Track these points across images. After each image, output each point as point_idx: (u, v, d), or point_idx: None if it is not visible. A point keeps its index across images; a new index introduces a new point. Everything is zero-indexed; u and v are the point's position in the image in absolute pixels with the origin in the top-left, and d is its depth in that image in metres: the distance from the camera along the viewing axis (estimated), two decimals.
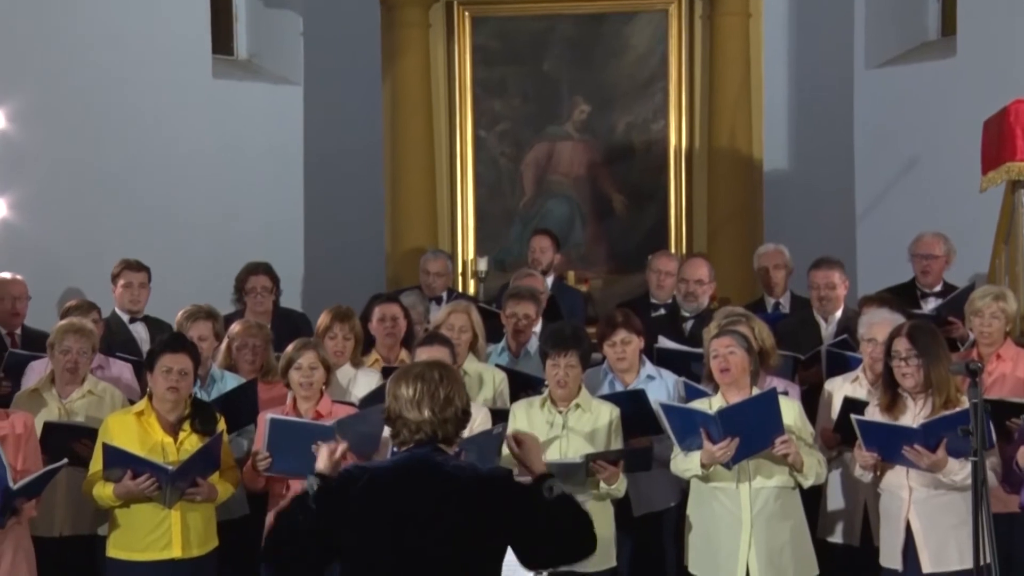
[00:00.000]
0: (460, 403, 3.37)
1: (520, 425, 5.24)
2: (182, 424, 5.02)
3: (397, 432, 3.36)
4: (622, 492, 5.22)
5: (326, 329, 5.84)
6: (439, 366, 3.42)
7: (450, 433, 3.35)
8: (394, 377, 3.43)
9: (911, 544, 4.84)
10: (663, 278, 7.17)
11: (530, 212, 8.73)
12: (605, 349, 5.72)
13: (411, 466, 3.30)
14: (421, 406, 3.32)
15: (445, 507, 3.24)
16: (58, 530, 5.40)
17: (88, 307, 6.24)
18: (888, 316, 5.54)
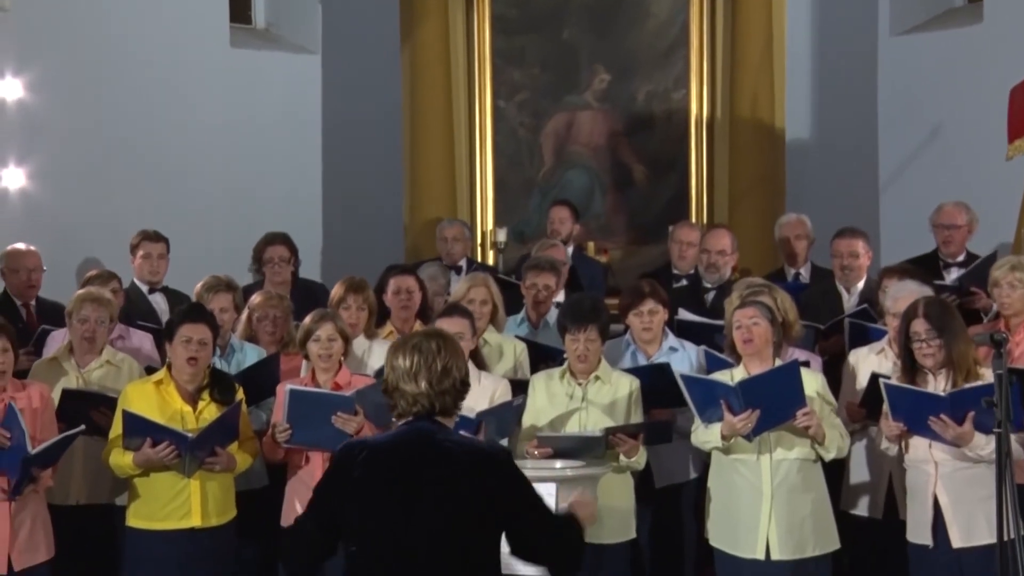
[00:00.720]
0: (458, 374, 3.36)
1: (539, 398, 5.25)
2: (201, 393, 5.04)
3: (395, 404, 3.36)
4: (642, 465, 5.23)
5: (340, 300, 5.84)
6: (437, 336, 3.41)
7: (448, 405, 3.35)
8: (392, 347, 3.42)
9: (940, 519, 4.82)
10: (685, 249, 7.16)
11: (549, 183, 8.70)
12: (630, 318, 5.72)
13: (410, 440, 3.30)
14: (418, 378, 3.31)
15: (444, 481, 3.24)
16: (74, 498, 5.43)
17: (108, 277, 6.26)
18: (914, 288, 5.51)
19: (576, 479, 4.69)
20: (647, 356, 5.72)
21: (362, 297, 5.85)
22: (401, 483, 3.25)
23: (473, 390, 5.11)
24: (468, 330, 5.29)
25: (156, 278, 6.84)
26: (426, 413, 3.34)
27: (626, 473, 5.24)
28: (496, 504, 3.25)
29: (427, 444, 3.29)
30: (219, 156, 8.59)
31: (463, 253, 7.63)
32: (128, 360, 5.63)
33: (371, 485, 3.27)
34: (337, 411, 4.96)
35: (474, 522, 3.24)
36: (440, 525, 3.22)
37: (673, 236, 7.31)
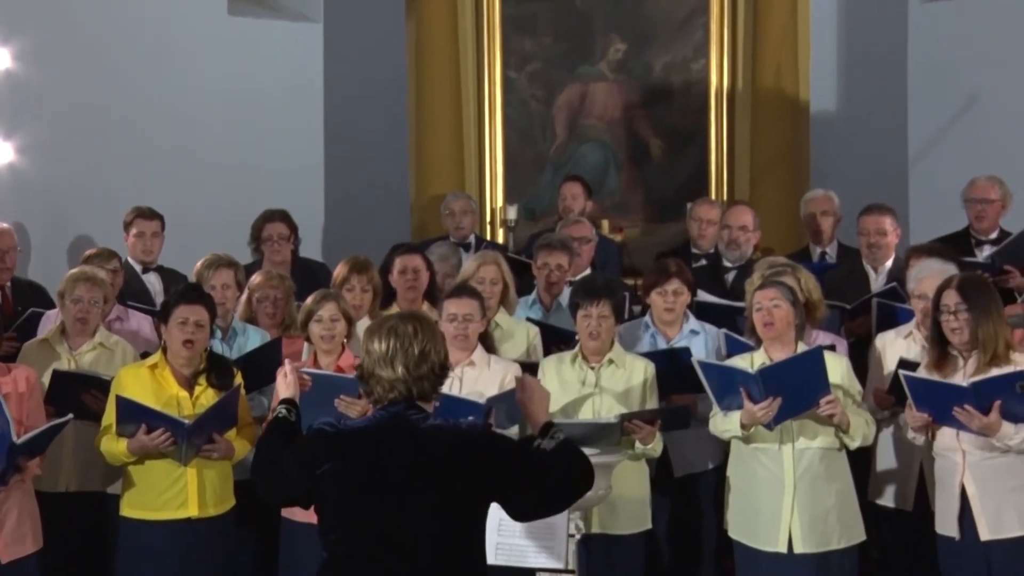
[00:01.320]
0: (436, 358, 3.37)
1: (550, 382, 5.24)
2: (197, 378, 5.05)
3: (371, 390, 3.38)
4: (658, 452, 5.23)
5: (343, 281, 5.86)
6: (413, 319, 3.42)
7: (426, 390, 3.37)
8: (367, 331, 3.43)
9: (967, 510, 4.81)
10: (704, 227, 7.15)
11: (562, 157, 8.69)
12: (653, 297, 5.71)
13: (386, 425, 3.32)
14: (394, 363, 3.33)
15: (422, 467, 3.25)
16: (64, 485, 5.44)
17: (108, 256, 6.23)
18: (938, 267, 5.49)
19: None
20: (667, 339, 5.72)
21: (366, 277, 5.86)
22: (379, 470, 3.27)
23: (482, 374, 5.26)
24: (478, 311, 5.30)
25: (150, 257, 6.85)
26: (403, 399, 3.35)
27: (641, 461, 5.24)
28: (481, 484, 3.27)
29: (405, 429, 3.31)
30: (216, 130, 8.57)
31: (471, 228, 7.64)
32: (122, 343, 5.64)
33: (347, 473, 3.29)
34: (340, 394, 4.96)
35: (455, 507, 3.26)
36: (422, 512, 3.24)
37: (692, 213, 7.29)
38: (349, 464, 3.30)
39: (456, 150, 8.60)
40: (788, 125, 8.48)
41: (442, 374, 3.41)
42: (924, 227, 7.84)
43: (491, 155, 8.61)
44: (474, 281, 5.89)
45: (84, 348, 5.55)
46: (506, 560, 4.36)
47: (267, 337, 5.78)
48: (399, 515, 3.25)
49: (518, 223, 8.34)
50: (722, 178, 8.54)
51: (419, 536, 3.25)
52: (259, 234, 6.97)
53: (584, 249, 6.82)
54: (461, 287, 5.55)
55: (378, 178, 8.87)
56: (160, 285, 6.80)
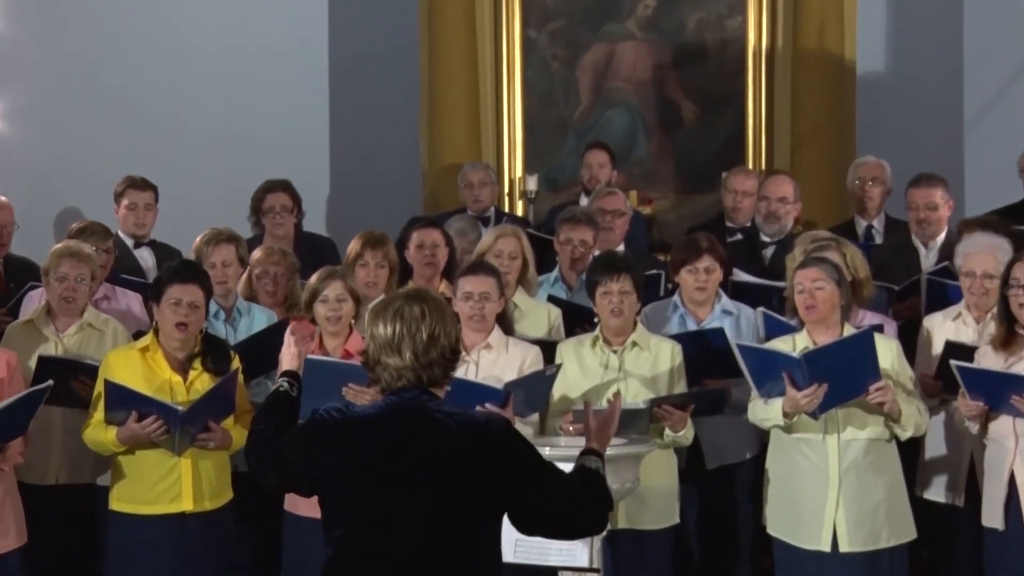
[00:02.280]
0: (447, 341, 3.35)
1: (570, 367, 5.24)
2: (192, 362, 5.03)
3: (377, 378, 3.37)
4: (689, 440, 5.22)
5: (356, 257, 5.84)
6: (420, 298, 3.38)
7: (437, 376, 3.35)
8: (371, 312, 3.41)
9: (1015, 499, 4.80)
10: (740, 198, 7.12)
11: (586, 123, 8.65)
12: (683, 275, 5.69)
13: (396, 413, 3.30)
14: (401, 348, 3.31)
15: (435, 458, 3.24)
16: (53, 478, 5.44)
17: (102, 233, 6.18)
18: (987, 242, 5.46)
19: (617, 457, 4.63)
20: (697, 320, 5.69)
21: (381, 253, 5.85)
22: (388, 461, 3.25)
23: (500, 358, 5.25)
24: (495, 290, 5.27)
25: (142, 231, 6.85)
26: (413, 387, 3.34)
27: (669, 451, 5.23)
28: (496, 480, 3.26)
29: (415, 417, 3.29)
30: (213, 93, 8.57)
31: (491, 200, 7.63)
32: (112, 323, 5.63)
33: (353, 465, 3.28)
34: (349, 382, 4.94)
35: (469, 501, 3.25)
36: (433, 507, 3.23)
37: (726, 184, 7.26)
38: (355, 454, 3.28)
39: (472, 116, 8.57)
40: (832, 87, 8.41)
41: (453, 358, 3.38)
42: (980, 198, 7.79)
43: (509, 121, 8.58)
44: (491, 255, 5.86)
45: (71, 330, 5.54)
46: (526, 558, 4.36)
47: (274, 318, 5.77)
48: (409, 509, 3.23)
49: (539, 194, 8.33)
50: (760, 145, 8.49)
51: (430, 532, 3.23)
52: (259, 206, 6.95)
53: (617, 223, 6.77)
54: (477, 263, 5.53)
55: (387, 146, 8.85)
56: (153, 261, 6.80)
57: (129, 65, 8.24)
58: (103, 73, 8.17)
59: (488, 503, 3.28)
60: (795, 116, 8.43)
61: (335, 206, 8.87)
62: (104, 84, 8.19)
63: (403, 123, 8.73)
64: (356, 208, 8.38)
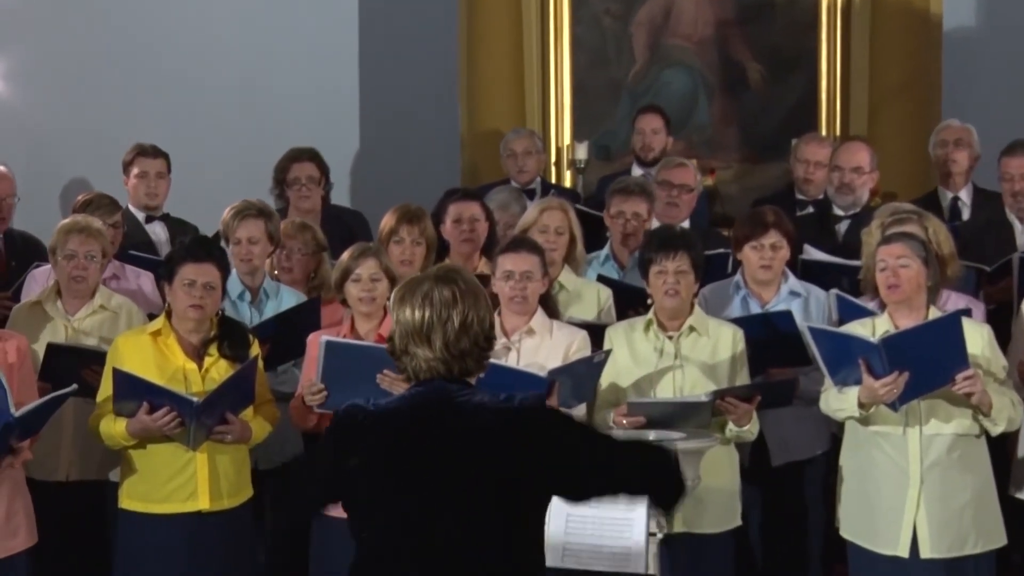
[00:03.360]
0: (480, 328, 3.34)
1: (620, 354, 5.24)
2: (208, 348, 5.06)
3: (403, 368, 3.37)
4: (754, 435, 5.22)
5: (391, 232, 5.87)
6: (449, 280, 3.36)
7: (470, 367, 3.35)
8: (397, 295, 3.39)
9: None
10: (812, 169, 7.13)
11: (641, 85, 8.64)
12: (746, 252, 5.69)
13: (423, 404, 3.31)
14: (431, 338, 3.31)
15: (467, 452, 3.25)
16: (64, 473, 5.50)
17: (109, 205, 6.23)
18: None
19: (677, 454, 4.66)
20: (761, 303, 5.69)
21: (418, 228, 5.88)
22: (416, 457, 3.26)
23: (544, 343, 5.26)
24: (538, 268, 5.29)
25: (154, 202, 6.90)
26: (443, 378, 3.35)
27: (730, 447, 5.24)
28: (537, 467, 3.25)
29: (446, 408, 3.30)
30: (231, 54, 8.60)
31: (537, 170, 7.65)
32: (127, 304, 5.67)
33: (379, 462, 3.29)
34: (383, 368, 4.94)
35: (509, 498, 3.25)
36: (464, 504, 3.24)
37: (796, 152, 7.26)
38: (381, 451, 3.30)
39: (515, 77, 8.57)
40: (915, 45, 8.37)
41: (487, 346, 3.37)
42: None
43: (557, 83, 8.59)
44: (535, 230, 5.88)
45: (83, 312, 5.58)
46: (576, 563, 4.39)
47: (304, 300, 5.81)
48: (440, 509, 3.25)
49: (589, 164, 8.33)
50: (834, 110, 8.47)
51: (464, 533, 3.24)
52: (283, 177, 7.00)
53: (684, 199, 6.74)
54: (519, 240, 5.54)
55: (422, 111, 8.86)
56: (166, 236, 6.86)
57: (140, 22, 8.28)
58: (111, 30, 8.21)
59: (528, 498, 3.29)
60: (873, 77, 8.40)
61: (365, 177, 8.89)
62: (112, 42, 8.22)
63: (440, 85, 8.74)
64: (388, 180, 8.41)
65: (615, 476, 3.34)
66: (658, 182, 6.74)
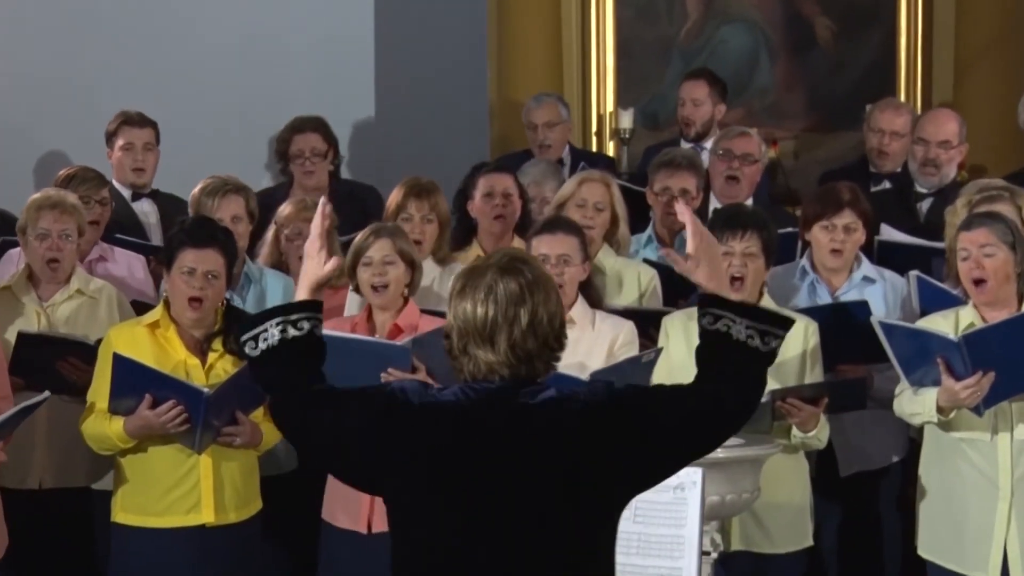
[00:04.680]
0: (551, 327, 3.29)
1: (675, 348, 5.29)
2: (211, 342, 5.13)
3: (460, 369, 3.32)
4: (823, 442, 5.27)
5: (398, 208, 5.94)
6: (516, 270, 3.30)
7: (538, 371, 3.32)
8: (456, 286, 3.34)
9: None
10: (889, 139, 7.13)
11: (695, 44, 8.67)
12: (815, 232, 5.71)
13: (484, 403, 3.27)
14: (495, 339, 3.27)
15: (535, 457, 3.22)
16: (36, 481, 5.53)
17: (96, 179, 6.29)
18: None
19: (731, 462, 4.74)
20: (831, 289, 5.75)
21: (428, 204, 5.94)
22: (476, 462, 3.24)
23: (584, 336, 5.27)
24: (577, 251, 5.34)
25: (142, 178, 6.92)
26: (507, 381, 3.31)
27: (799, 455, 5.29)
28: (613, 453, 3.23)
29: (510, 408, 3.26)
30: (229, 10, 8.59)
31: (562, 144, 7.65)
32: (108, 288, 5.70)
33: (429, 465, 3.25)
34: (388, 366, 5.06)
35: (582, 510, 3.23)
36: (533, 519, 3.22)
37: (872, 121, 7.27)
38: (432, 452, 3.26)
39: (551, 37, 8.59)
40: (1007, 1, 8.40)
41: (558, 346, 3.32)
42: None
43: (598, 42, 8.60)
44: (572, 204, 5.94)
45: (58, 298, 5.62)
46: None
47: (292, 286, 5.84)
48: (502, 522, 3.23)
49: (634, 134, 8.35)
50: (915, 73, 8.49)
51: (528, 550, 3.22)
52: (286, 149, 7.06)
53: (746, 172, 6.70)
54: (555, 219, 5.62)
55: (447, 74, 8.80)
56: (156, 215, 6.90)
57: None
58: None
59: (606, 506, 3.27)
60: (960, 34, 8.42)
61: (381, 150, 8.78)
62: None
63: (466, 44, 8.72)
64: (407, 153, 8.30)
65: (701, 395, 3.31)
66: (717, 153, 6.75)
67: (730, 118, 7.82)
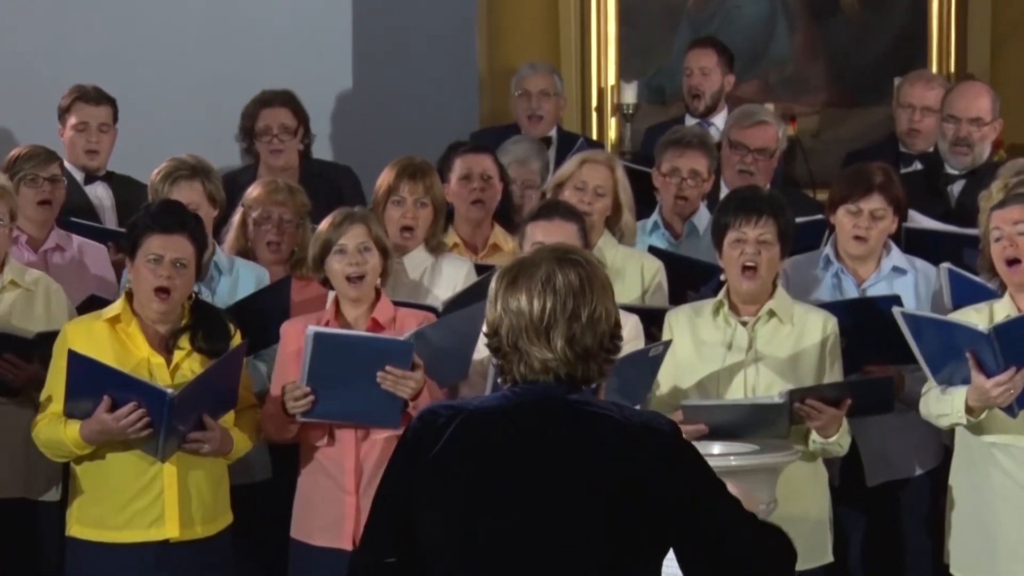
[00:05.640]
0: (608, 325, 3.30)
1: (681, 345, 5.32)
2: (178, 338, 5.14)
3: (508, 368, 3.32)
4: (844, 449, 5.30)
5: (390, 191, 5.94)
6: (575, 262, 3.31)
7: (591, 374, 3.32)
8: (505, 279, 3.33)
9: None
10: (919, 116, 7.19)
11: (705, 11, 8.66)
12: (840, 216, 5.71)
13: (530, 405, 3.28)
14: (552, 333, 3.26)
15: (582, 466, 3.23)
16: None
17: (45, 155, 6.29)
18: None
19: (744, 471, 4.77)
20: (857, 281, 5.78)
21: (423, 186, 5.95)
22: (514, 468, 3.25)
23: None
24: (576, 240, 5.34)
25: (95, 161, 6.95)
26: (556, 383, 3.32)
27: (817, 463, 5.34)
28: (664, 501, 3.24)
29: (556, 412, 3.28)
30: None
31: (554, 119, 7.66)
32: (44, 280, 5.68)
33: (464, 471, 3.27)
34: (386, 363, 5.08)
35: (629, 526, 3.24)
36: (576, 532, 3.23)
37: (901, 95, 7.32)
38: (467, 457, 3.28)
39: (547, 2, 8.52)
40: None
41: (613, 348, 3.32)
42: None
43: (599, 9, 8.56)
44: (570, 186, 5.97)
45: None
46: None
47: (265, 277, 5.88)
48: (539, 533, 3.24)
49: (638, 110, 8.36)
50: (947, 42, 8.48)
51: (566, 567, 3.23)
52: (252, 125, 7.09)
53: (762, 166, 6.69)
54: (553, 204, 5.64)
55: (432, 44, 8.83)
56: (111, 200, 6.94)
57: None
58: None
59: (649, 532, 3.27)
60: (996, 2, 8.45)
61: (358, 127, 8.79)
62: None
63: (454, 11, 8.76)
64: (387, 130, 8.27)
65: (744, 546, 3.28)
66: (729, 140, 6.76)
67: (744, 92, 7.86)
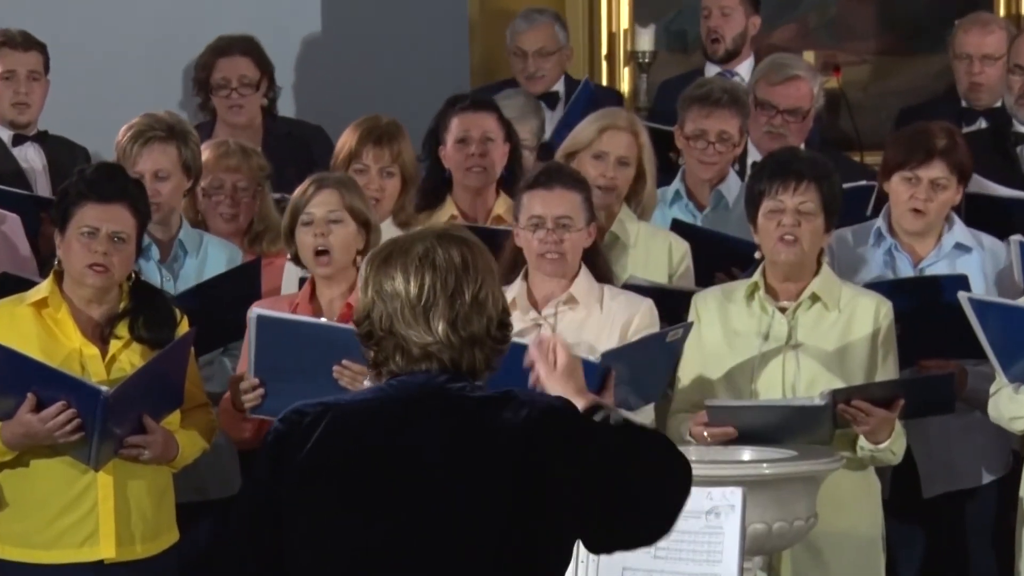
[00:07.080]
0: (495, 310, 3.38)
1: (708, 333, 5.32)
2: (115, 325, 5.13)
3: (383, 359, 3.38)
4: (899, 456, 5.30)
5: (350, 157, 5.98)
6: (459, 240, 3.40)
7: (478, 364, 3.39)
8: (376, 259, 3.41)
9: None
10: (979, 66, 7.19)
11: None
12: (894, 185, 5.70)
13: (410, 397, 3.34)
14: (432, 314, 3.34)
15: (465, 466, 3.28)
16: None
17: None
18: None
19: (780, 480, 4.77)
20: (914, 260, 5.78)
21: (389, 153, 5.98)
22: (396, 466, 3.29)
23: (591, 317, 5.32)
24: (581, 212, 5.34)
25: (25, 115, 6.93)
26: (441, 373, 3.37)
27: (867, 472, 5.33)
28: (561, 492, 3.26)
29: (439, 403, 3.33)
30: None
31: (557, 76, 7.70)
32: None
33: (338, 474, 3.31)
34: (342, 356, 5.07)
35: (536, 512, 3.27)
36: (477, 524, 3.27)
37: (956, 44, 7.32)
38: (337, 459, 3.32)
39: None
40: None
41: (501, 338, 3.40)
42: None
43: None
44: (587, 155, 5.95)
45: None
46: None
47: (238, 256, 5.90)
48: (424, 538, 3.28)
49: (656, 58, 8.38)
50: None
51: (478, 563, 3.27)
52: (207, 77, 7.11)
53: (795, 128, 6.69)
54: (552, 169, 5.60)
55: None
56: (42, 163, 6.93)
57: None
58: None
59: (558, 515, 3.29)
60: None
61: (331, 79, 8.86)
62: None
63: None
64: (363, 83, 8.39)
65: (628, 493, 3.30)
66: (756, 100, 6.73)
67: (780, 38, 7.88)
